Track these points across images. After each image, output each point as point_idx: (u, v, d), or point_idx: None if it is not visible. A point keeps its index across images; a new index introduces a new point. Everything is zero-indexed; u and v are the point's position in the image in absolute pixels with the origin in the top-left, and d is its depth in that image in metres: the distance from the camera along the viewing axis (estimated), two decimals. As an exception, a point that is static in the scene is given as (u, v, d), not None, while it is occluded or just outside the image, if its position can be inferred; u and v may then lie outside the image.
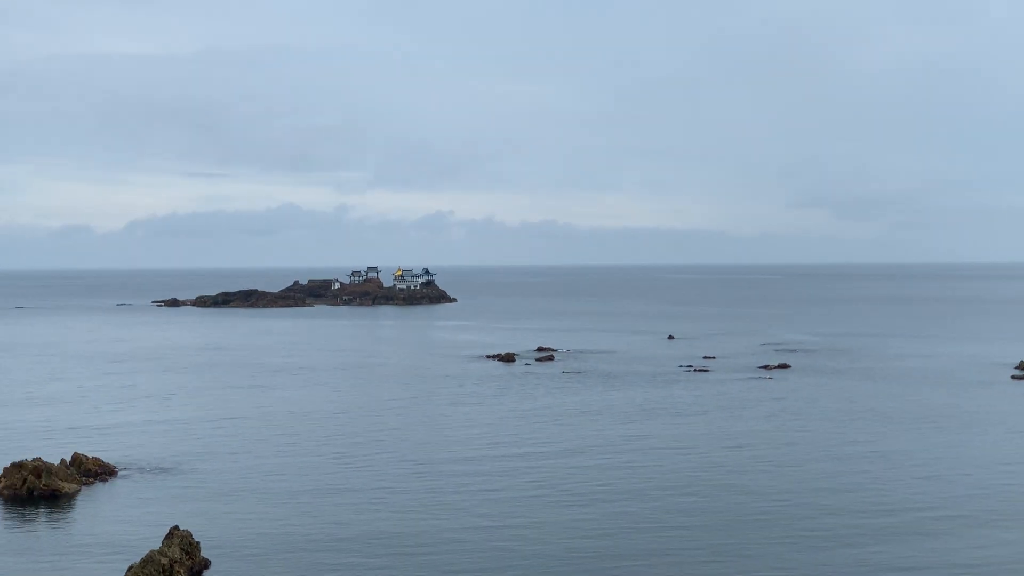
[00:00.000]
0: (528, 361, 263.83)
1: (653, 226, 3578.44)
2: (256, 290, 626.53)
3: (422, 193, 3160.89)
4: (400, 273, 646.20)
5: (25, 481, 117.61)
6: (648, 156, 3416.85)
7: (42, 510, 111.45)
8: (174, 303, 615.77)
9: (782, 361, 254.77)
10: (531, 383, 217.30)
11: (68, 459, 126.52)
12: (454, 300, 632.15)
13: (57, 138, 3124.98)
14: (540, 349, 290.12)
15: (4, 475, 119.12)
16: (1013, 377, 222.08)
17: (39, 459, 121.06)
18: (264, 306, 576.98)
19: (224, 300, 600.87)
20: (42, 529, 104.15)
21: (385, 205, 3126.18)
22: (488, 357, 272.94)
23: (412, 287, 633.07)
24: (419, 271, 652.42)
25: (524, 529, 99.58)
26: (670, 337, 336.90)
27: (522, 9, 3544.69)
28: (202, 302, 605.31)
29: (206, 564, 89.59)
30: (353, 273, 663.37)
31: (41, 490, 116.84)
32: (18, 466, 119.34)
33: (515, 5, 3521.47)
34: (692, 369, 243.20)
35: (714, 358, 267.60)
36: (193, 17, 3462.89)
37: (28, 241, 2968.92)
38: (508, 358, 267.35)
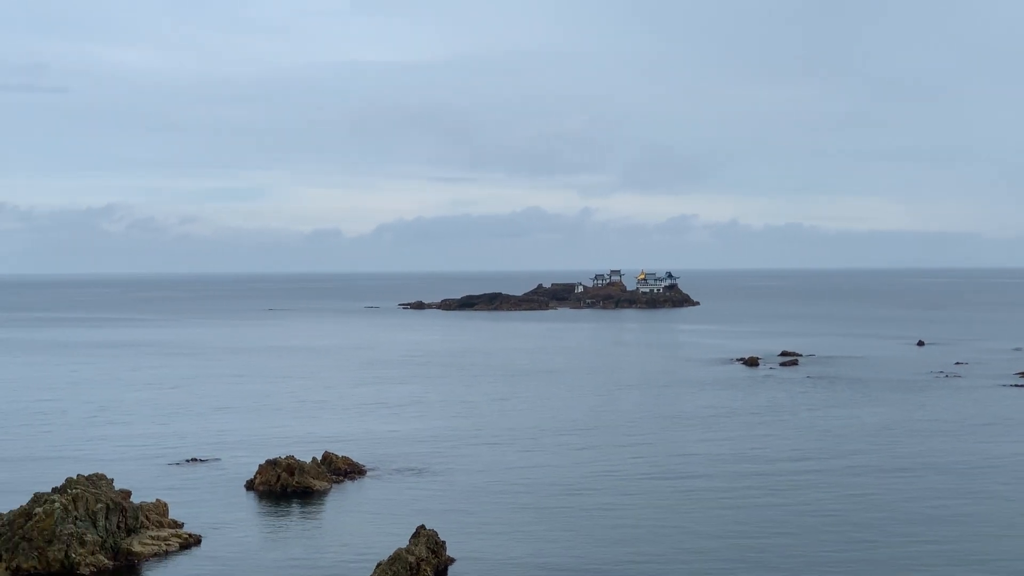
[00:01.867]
0: (772, 365, 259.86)
1: (902, 229, 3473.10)
2: (500, 293, 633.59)
3: (666, 196, 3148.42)
4: (643, 276, 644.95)
5: (279, 478, 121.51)
6: (898, 157, 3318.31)
7: (295, 506, 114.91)
8: (419, 306, 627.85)
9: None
10: (775, 388, 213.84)
11: (319, 458, 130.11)
12: (697, 303, 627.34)
13: (310, 145, 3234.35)
14: (784, 353, 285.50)
15: (259, 472, 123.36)
16: None
17: (292, 457, 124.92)
18: (508, 309, 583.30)
19: (468, 303, 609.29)
20: (294, 524, 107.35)
21: (629, 208, 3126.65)
22: (731, 361, 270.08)
23: (655, 290, 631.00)
24: (662, 274, 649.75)
25: (764, 553, 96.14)
26: (920, 343, 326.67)
27: (770, 10, 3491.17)
28: (447, 305, 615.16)
29: (451, 563, 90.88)
30: (596, 276, 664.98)
31: (294, 487, 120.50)
32: (272, 464, 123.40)
33: (763, 6, 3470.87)
34: (944, 376, 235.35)
35: (967, 364, 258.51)
36: (443, 26, 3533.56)
37: (281, 245, 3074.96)
38: (752, 362, 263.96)
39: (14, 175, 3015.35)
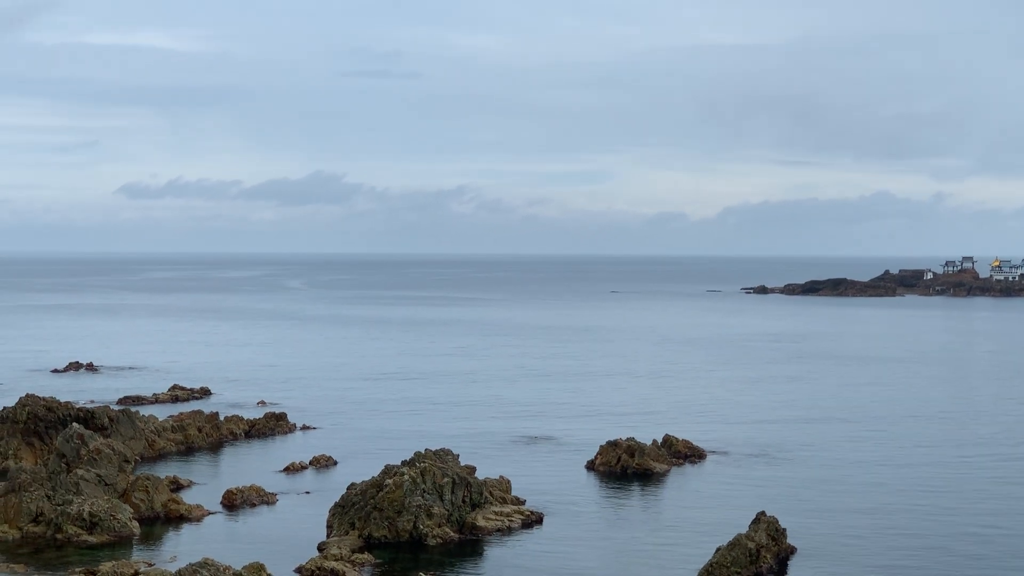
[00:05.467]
0: None
1: None
2: (845, 279, 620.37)
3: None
4: (998, 263, 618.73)
5: (619, 459, 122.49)
6: None
7: (634, 487, 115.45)
8: (762, 290, 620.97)
9: None
10: None
11: (659, 440, 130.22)
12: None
13: (657, 128, 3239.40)
14: None
15: (600, 453, 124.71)
16: None
17: (632, 439, 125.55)
18: (853, 295, 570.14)
19: (812, 288, 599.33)
20: (634, 505, 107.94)
21: (984, 193, 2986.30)
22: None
23: (1011, 278, 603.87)
24: (1018, 262, 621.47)
25: None
26: None
27: None
28: (790, 290, 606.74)
29: (792, 551, 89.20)
30: (947, 263, 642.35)
31: (634, 468, 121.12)
32: (613, 445, 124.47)
33: None
34: None
35: None
36: (790, 7, 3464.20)
37: (624, 227, 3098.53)
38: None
39: (371, 158, 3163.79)
